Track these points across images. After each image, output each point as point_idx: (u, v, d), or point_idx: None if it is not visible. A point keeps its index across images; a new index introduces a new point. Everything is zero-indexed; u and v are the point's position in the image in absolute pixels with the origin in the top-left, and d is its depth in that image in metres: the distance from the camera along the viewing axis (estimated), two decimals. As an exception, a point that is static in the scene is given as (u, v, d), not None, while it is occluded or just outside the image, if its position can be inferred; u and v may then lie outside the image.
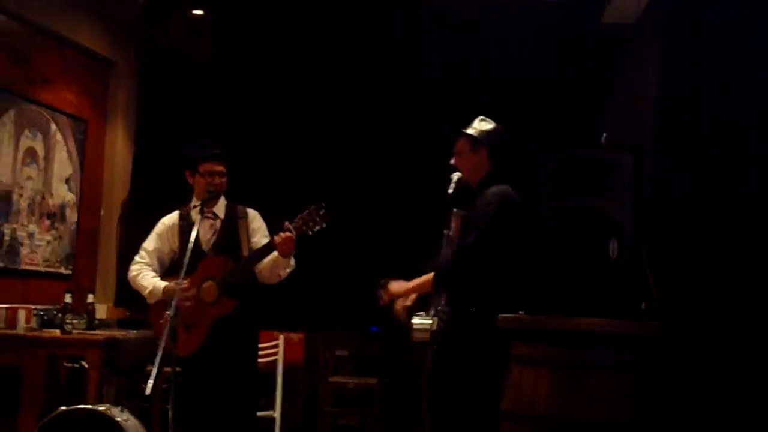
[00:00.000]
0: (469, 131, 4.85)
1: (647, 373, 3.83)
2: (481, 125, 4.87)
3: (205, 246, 5.23)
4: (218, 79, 8.14)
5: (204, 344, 5.12)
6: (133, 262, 5.36)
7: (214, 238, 5.26)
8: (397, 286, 4.95)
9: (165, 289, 5.14)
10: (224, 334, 5.11)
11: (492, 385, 4.32)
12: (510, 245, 4.63)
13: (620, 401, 3.78)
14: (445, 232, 4.76)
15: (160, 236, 5.34)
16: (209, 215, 5.25)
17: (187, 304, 5.04)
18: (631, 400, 3.78)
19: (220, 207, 5.31)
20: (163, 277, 5.28)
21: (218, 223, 5.28)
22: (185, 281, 4.98)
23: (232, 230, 5.27)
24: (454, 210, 4.70)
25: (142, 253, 5.34)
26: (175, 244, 5.30)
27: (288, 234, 4.98)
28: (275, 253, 5.06)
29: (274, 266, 5.14)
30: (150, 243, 5.35)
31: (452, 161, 4.87)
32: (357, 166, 7.72)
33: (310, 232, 4.94)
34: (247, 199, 5.47)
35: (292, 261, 5.18)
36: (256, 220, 5.34)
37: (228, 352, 5.14)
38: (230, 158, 5.35)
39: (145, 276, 5.25)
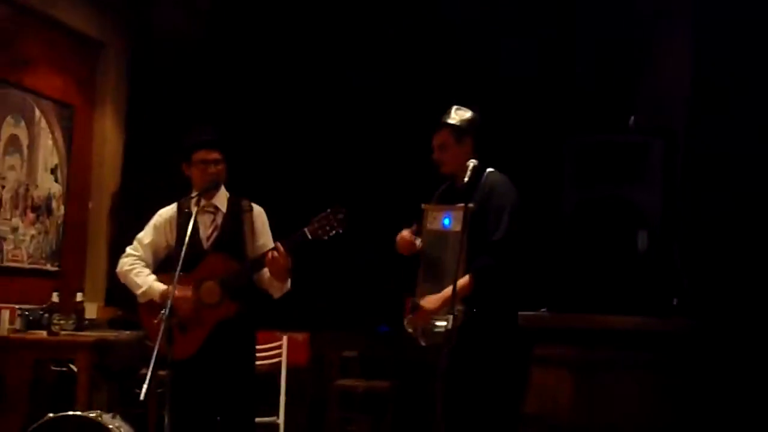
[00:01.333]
0: (450, 121, 4.82)
1: (680, 373, 3.82)
2: (459, 114, 4.83)
3: (206, 242, 5.16)
4: (215, 61, 8.13)
5: (202, 349, 5.10)
6: (125, 254, 5.30)
7: (215, 234, 5.19)
8: (431, 301, 4.85)
9: (162, 294, 5.08)
10: (223, 336, 5.09)
11: (512, 388, 4.30)
12: (526, 237, 4.63)
13: (651, 404, 3.76)
14: (433, 228, 4.75)
15: (156, 229, 5.29)
16: (210, 209, 5.19)
17: (186, 307, 5.02)
18: (662, 403, 3.77)
19: (222, 199, 5.23)
20: (155, 273, 5.25)
21: (219, 218, 5.22)
22: (187, 288, 4.98)
23: (235, 226, 5.20)
24: (457, 204, 4.65)
25: (135, 244, 5.30)
26: (172, 239, 5.23)
27: (275, 255, 4.96)
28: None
29: (268, 284, 5.13)
30: (146, 235, 5.30)
31: (434, 156, 4.84)
32: (364, 157, 7.70)
33: (326, 237, 4.90)
34: (247, 192, 5.43)
35: (288, 284, 5.15)
36: (261, 216, 5.27)
37: (226, 355, 5.12)
38: (226, 144, 5.30)
39: (140, 273, 5.20)
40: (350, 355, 7.86)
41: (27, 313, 6.53)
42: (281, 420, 6.97)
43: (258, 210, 5.27)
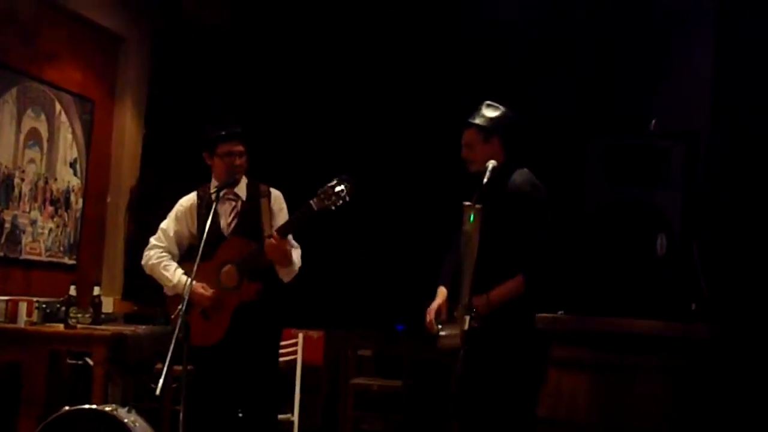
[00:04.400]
0: (477, 120, 4.80)
1: (697, 379, 3.80)
2: (488, 112, 4.81)
3: (226, 229, 5.21)
4: (236, 54, 8.12)
5: (227, 334, 5.11)
6: (150, 245, 5.33)
7: (234, 221, 5.25)
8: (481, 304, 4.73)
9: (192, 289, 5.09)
10: (246, 323, 5.10)
11: (527, 390, 4.30)
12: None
13: (667, 409, 3.75)
14: (463, 228, 4.73)
15: (178, 219, 5.33)
16: (230, 196, 5.24)
17: (205, 299, 5.05)
18: (679, 409, 3.75)
19: (242, 187, 5.28)
20: (180, 261, 5.28)
21: (239, 205, 5.26)
22: (207, 282, 5.02)
23: (253, 211, 5.23)
24: (466, 204, 4.64)
25: (159, 235, 5.33)
26: (194, 227, 5.27)
27: (271, 241, 4.97)
28: None
29: (280, 273, 5.14)
30: (169, 225, 5.34)
31: (462, 154, 4.82)
32: (383, 147, 7.66)
33: (333, 208, 4.89)
34: (269, 178, 5.44)
35: (296, 266, 5.15)
36: (278, 201, 5.30)
37: (249, 345, 5.12)
38: (249, 137, 5.32)
39: (168, 266, 5.23)
40: (365, 353, 7.86)
41: (44, 305, 6.53)
42: (296, 417, 6.99)
43: (276, 194, 5.30)
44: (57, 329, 6.37)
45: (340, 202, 4.87)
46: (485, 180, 4.59)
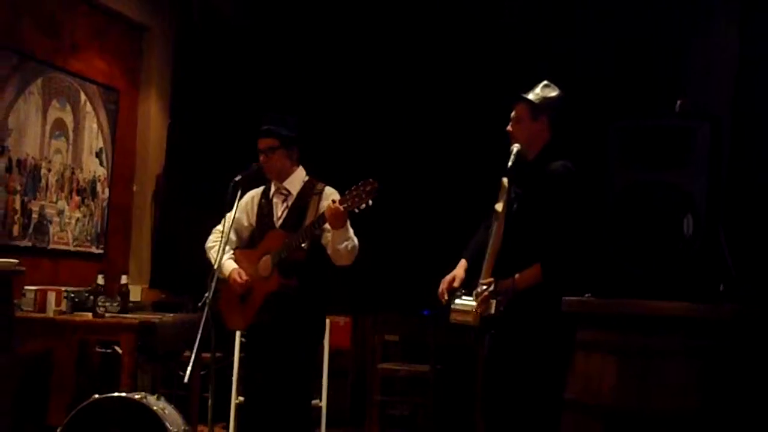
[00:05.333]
0: (530, 96, 4.74)
1: (726, 360, 3.78)
2: (544, 91, 4.75)
3: (277, 223, 5.32)
4: (259, 44, 8.13)
5: (254, 321, 5.20)
6: (214, 230, 5.49)
7: (284, 215, 5.33)
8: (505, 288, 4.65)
9: (231, 272, 5.27)
10: (273, 314, 5.16)
11: (554, 373, 4.28)
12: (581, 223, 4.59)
13: (696, 391, 3.73)
14: (496, 207, 4.70)
15: (240, 208, 5.43)
16: (283, 191, 5.33)
17: (239, 285, 5.17)
18: (707, 390, 3.73)
19: (294, 183, 5.36)
20: (236, 249, 5.41)
21: (290, 200, 5.36)
22: (244, 276, 5.14)
23: (301, 208, 5.32)
24: (504, 183, 4.61)
25: (223, 221, 5.46)
26: (253, 217, 5.41)
27: (334, 206, 4.96)
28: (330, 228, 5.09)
29: (333, 242, 5.14)
30: (231, 213, 5.45)
31: (508, 128, 4.77)
32: (409, 139, 7.66)
33: (357, 210, 4.92)
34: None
35: (351, 233, 5.16)
36: (329, 199, 5.32)
37: (275, 335, 5.17)
38: (278, 130, 5.35)
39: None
40: (392, 338, 7.87)
41: (73, 295, 6.57)
42: (323, 403, 6.99)
43: (328, 192, 5.33)
44: (85, 318, 6.40)
45: (364, 205, 4.90)
46: (509, 163, 4.59)
